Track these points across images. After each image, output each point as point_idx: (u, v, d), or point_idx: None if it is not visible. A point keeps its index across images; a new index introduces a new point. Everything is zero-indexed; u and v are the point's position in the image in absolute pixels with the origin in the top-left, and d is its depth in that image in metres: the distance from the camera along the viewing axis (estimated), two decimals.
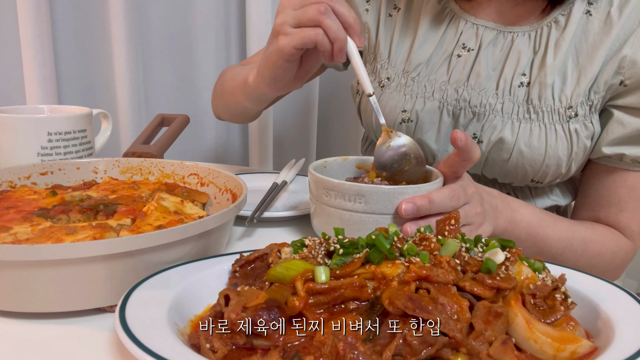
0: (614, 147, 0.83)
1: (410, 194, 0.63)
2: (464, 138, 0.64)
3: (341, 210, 0.64)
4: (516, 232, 0.76)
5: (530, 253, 0.79)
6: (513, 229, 0.75)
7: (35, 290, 0.47)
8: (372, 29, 0.98)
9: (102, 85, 1.43)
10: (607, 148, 0.84)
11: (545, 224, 0.79)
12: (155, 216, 0.57)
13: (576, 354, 0.42)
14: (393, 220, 0.63)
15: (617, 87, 0.82)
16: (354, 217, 0.63)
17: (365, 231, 0.63)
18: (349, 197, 0.63)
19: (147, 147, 0.94)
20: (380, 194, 0.62)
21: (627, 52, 0.81)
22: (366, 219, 0.63)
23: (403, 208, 0.62)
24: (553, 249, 0.79)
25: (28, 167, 0.70)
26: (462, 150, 0.65)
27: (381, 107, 0.94)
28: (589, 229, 0.84)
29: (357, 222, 0.63)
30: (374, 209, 0.63)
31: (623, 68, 0.81)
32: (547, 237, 0.79)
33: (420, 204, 0.63)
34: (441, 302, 0.42)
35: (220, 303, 0.44)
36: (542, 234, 0.78)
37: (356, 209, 0.63)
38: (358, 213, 0.63)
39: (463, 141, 0.64)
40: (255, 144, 1.55)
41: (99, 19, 1.37)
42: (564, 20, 0.85)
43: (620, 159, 0.84)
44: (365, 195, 0.62)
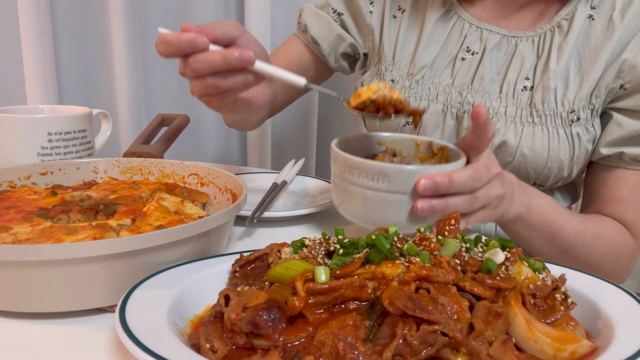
0: (612, 148, 0.84)
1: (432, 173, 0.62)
2: (485, 114, 0.63)
3: (363, 188, 0.63)
4: (530, 219, 0.75)
5: (542, 244, 0.78)
6: (528, 215, 0.74)
7: (35, 290, 0.47)
8: (376, 30, 0.98)
9: (102, 85, 1.43)
10: (605, 149, 0.84)
11: (559, 215, 0.78)
12: (155, 216, 0.57)
13: (576, 354, 0.42)
14: (413, 199, 0.62)
15: (617, 90, 0.83)
16: (376, 195, 0.63)
17: (386, 210, 0.63)
18: (372, 176, 0.62)
19: (147, 147, 0.94)
20: (404, 173, 0.62)
21: (627, 56, 0.81)
22: (388, 198, 0.63)
23: (421, 184, 0.61)
24: (565, 241, 0.79)
25: (28, 167, 0.70)
26: (481, 126, 0.64)
27: None
28: (600, 225, 0.83)
29: (379, 201, 0.63)
30: (396, 188, 0.62)
31: (623, 72, 0.81)
32: (561, 228, 0.78)
33: (440, 181, 0.62)
34: (441, 302, 0.42)
35: (220, 303, 0.44)
36: (556, 224, 0.77)
37: (378, 188, 0.62)
38: (380, 192, 0.62)
39: (484, 117, 0.63)
40: (254, 144, 1.55)
41: (100, 19, 1.37)
42: (567, 25, 0.85)
43: (619, 158, 0.84)
44: (388, 174, 0.62)
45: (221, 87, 0.60)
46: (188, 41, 0.57)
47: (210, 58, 0.58)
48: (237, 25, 0.62)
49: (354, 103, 0.67)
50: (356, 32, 1.01)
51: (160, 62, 1.46)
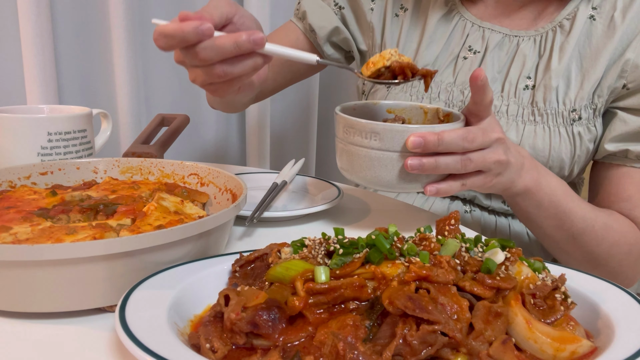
0: (618, 144, 0.83)
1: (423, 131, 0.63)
2: (483, 78, 0.63)
3: (359, 147, 0.66)
4: (539, 195, 0.73)
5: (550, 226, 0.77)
6: (537, 191, 0.73)
7: (35, 290, 0.47)
8: (377, 28, 0.98)
9: (102, 85, 1.43)
10: (611, 144, 0.83)
11: (570, 198, 0.76)
12: (155, 216, 0.57)
13: (576, 354, 0.42)
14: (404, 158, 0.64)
15: (619, 90, 0.83)
16: (369, 154, 0.66)
17: (379, 168, 0.66)
18: (365, 134, 0.65)
19: (147, 147, 0.94)
20: (394, 131, 0.64)
21: (630, 55, 0.81)
22: (381, 156, 0.65)
23: (410, 140, 0.62)
24: (574, 226, 0.77)
25: (28, 167, 0.70)
26: (478, 89, 0.64)
27: None
28: (610, 216, 0.82)
29: (372, 159, 0.66)
30: (387, 146, 0.64)
31: (626, 72, 0.81)
32: (570, 211, 0.76)
33: (429, 139, 0.62)
34: (441, 302, 0.42)
35: (220, 303, 0.44)
36: (565, 206, 0.75)
37: (372, 146, 0.65)
38: (373, 150, 0.65)
39: (482, 80, 0.63)
40: (254, 145, 1.55)
41: (100, 19, 1.37)
42: (568, 24, 0.85)
43: (625, 156, 0.84)
44: (379, 132, 0.64)
45: (231, 74, 0.58)
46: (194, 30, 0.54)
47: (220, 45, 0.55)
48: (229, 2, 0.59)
49: (368, 72, 0.68)
50: (356, 27, 1.00)
51: (160, 62, 1.46)
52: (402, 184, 0.66)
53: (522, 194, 0.72)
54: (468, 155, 0.64)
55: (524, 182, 0.71)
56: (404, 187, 0.67)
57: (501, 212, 0.94)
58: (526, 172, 0.71)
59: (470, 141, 0.63)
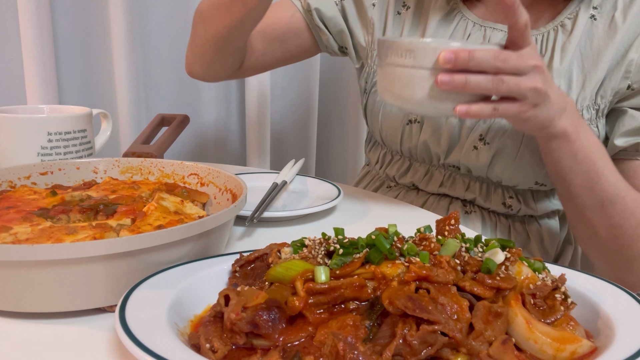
0: (628, 138, 0.81)
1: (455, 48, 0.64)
2: None
3: (395, 66, 0.67)
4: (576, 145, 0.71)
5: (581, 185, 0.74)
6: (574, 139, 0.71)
7: (36, 290, 0.47)
8: (378, 25, 0.96)
9: (102, 85, 1.43)
10: (620, 139, 0.82)
11: (605, 159, 0.74)
12: (155, 216, 0.57)
13: (576, 354, 0.42)
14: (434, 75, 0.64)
15: (624, 91, 0.82)
16: (405, 72, 0.67)
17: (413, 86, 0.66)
18: (401, 53, 0.66)
19: (147, 147, 0.94)
20: (428, 48, 0.64)
21: (633, 56, 0.81)
22: (415, 74, 0.66)
23: (442, 55, 0.62)
24: (605, 192, 0.74)
25: (28, 167, 0.70)
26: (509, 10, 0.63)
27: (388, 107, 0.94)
28: None
29: (407, 77, 0.67)
30: (421, 64, 0.65)
31: (630, 72, 0.81)
32: (604, 173, 0.73)
33: (460, 55, 0.62)
34: (441, 302, 0.42)
35: (220, 303, 0.44)
36: (599, 166, 0.73)
37: (407, 64, 0.66)
38: (408, 68, 0.66)
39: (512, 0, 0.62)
40: (254, 144, 1.55)
41: (100, 19, 1.37)
42: (570, 24, 0.84)
43: (636, 150, 0.82)
44: (414, 50, 0.65)
45: None
46: None
47: None
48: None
49: None
50: (357, 22, 0.98)
51: (160, 62, 1.46)
52: (434, 103, 0.67)
53: (559, 137, 0.70)
54: (501, 76, 0.63)
55: (563, 125, 0.69)
56: (436, 107, 0.67)
57: (501, 213, 0.94)
58: (567, 116, 0.69)
59: (502, 61, 0.63)
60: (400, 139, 0.93)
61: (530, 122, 0.69)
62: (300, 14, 0.98)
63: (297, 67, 1.57)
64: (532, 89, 0.64)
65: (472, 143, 0.87)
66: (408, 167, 0.98)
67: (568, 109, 0.70)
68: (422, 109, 0.69)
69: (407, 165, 0.98)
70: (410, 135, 0.92)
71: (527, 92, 0.64)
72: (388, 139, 0.96)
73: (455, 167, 0.92)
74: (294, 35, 0.99)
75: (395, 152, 0.99)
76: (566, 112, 0.70)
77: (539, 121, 0.68)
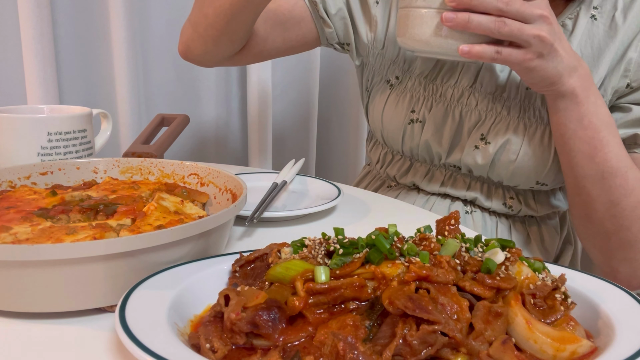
0: (626, 130, 0.82)
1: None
2: None
3: (408, 8, 0.72)
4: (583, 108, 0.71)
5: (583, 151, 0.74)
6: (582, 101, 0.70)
7: (35, 290, 0.47)
8: (381, 23, 0.95)
9: (102, 85, 1.43)
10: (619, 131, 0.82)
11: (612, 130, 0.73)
12: (155, 216, 0.57)
13: (576, 354, 0.42)
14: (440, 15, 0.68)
15: (623, 89, 0.82)
16: (415, 12, 0.71)
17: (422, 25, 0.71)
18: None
19: (147, 147, 0.94)
20: None
21: (632, 55, 0.81)
22: (424, 14, 0.70)
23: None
24: (607, 162, 0.73)
25: (28, 167, 0.70)
26: None
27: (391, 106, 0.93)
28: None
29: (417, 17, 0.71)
30: (429, 3, 0.70)
31: (629, 71, 0.81)
32: (609, 143, 0.73)
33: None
34: (441, 302, 0.42)
35: (220, 303, 0.44)
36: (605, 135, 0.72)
37: (417, 5, 0.71)
38: (418, 9, 0.71)
39: None
40: (255, 144, 1.55)
41: (100, 19, 1.37)
42: (571, 24, 0.84)
43: (634, 142, 0.82)
44: None
45: None
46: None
47: None
48: None
49: None
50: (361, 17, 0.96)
51: (160, 62, 1.46)
52: (440, 41, 0.70)
53: (567, 97, 0.70)
54: (503, 18, 0.65)
55: (573, 83, 0.69)
56: (442, 46, 0.71)
57: (502, 213, 0.94)
58: (579, 76, 0.70)
59: (505, 3, 0.64)
60: (401, 138, 0.93)
61: (537, 74, 0.69)
62: (304, 2, 0.96)
63: (298, 67, 1.57)
64: (536, 37, 0.65)
65: (473, 142, 0.87)
66: (409, 167, 0.98)
67: (580, 70, 0.70)
68: (430, 49, 0.72)
69: (408, 164, 0.98)
70: (411, 134, 0.92)
71: (531, 39, 0.65)
72: (389, 138, 0.96)
73: (456, 167, 0.92)
74: (296, 23, 0.97)
75: (396, 152, 0.99)
76: (577, 72, 0.70)
77: (546, 74, 0.68)
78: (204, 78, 1.52)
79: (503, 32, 0.65)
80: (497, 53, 0.67)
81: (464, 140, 0.89)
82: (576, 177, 0.78)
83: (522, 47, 0.66)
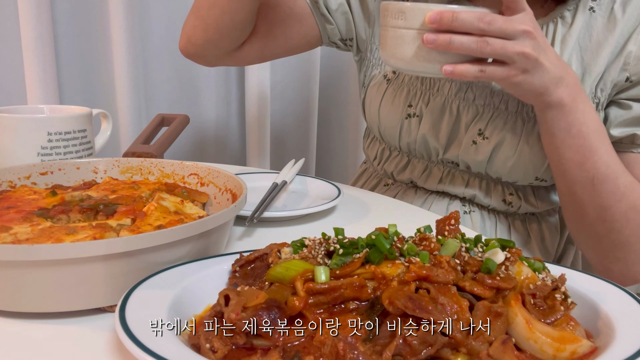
0: (624, 129, 0.81)
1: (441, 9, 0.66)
2: None
3: (390, 28, 0.71)
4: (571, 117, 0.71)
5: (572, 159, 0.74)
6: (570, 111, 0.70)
7: (35, 290, 0.47)
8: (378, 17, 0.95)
9: (102, 85, 1.43)
10: (617, 129, 0.82)
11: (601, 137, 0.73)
12: (155, 216, 0.57)
13: (576, 354, 0.42)
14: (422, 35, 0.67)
15: (623, 83, 0.82)
16: (397, 33, 0.70)
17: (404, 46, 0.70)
18: (395, 14, 0.70)
19: (147, 147, 0.94)
20: (417, 9, 0.68)
21: (631, 48, 0.80)
22: (405, 34, 0.69)
23: (428, 15, 0.64)
24: (597, 169, 0.73)
25: (28, 167, 0.70)
26: None
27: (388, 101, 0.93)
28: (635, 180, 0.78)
29: (399, 38, 0.70)
30: (411, 24, 0.69)
31: (628, 64, 0.81)
32: (597, 150, 0.73)
33: (444, 14, 0.63)
34: (441, 302, 0.42)
35: (220, 303, 0.44)
36: (594, 143, 0.72)
37: (399, 25, 0.70)
38: (400, 29, 0.70)
39: None
40: (254, 144, 1.55)
41: (100, 19, 1.37)
42: (570, 16, 0.84)
43: (631, 142, 0.82)
44: (405, 11, 0.69)
45: None
46: None
47: None
48: None
49: None
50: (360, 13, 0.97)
51: (160, 62, 1.46)
52: (423, 62, 0.70)
53: (555, 107, 0.70)
54: (485, 38, 0.64)
55: (560, 94, 0.69)
56: (425, 66, 0.70)
57: (501, 211, 0.94)
58: (566, 86, 0.69)
59: (487, 23, 0.63)
60: (399, 133, 0.93)
61: (522, 88, 0.69)
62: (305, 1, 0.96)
63: (297, 67, 1.57)
64: (520, 54, 0.64)
65: (471, 138, 0.87)
66: (407, 163, 0.97)
67: (567, 79, 0.70)
68: (413, 68, 0.72)
69: (406, 161, 0.97)
70: (409, 129, 0.92)
71: (515, 56, 0.64)
72: (386, 133, 0.96)
73: (454, 163, 0.92)
74: (297, 21, 0.97)
75: (394, 148, 0.98)
76: (564, 81, 0.69)
77: (532, 87, 0.68)
78: (204, 78, 1.52)
79: (486, 52, 0.64)
80: (480, 72, 0.66)
81: (461, 135, 0.88)
82: (567, 183, 0.78)
83: (506, 64, 0.66)
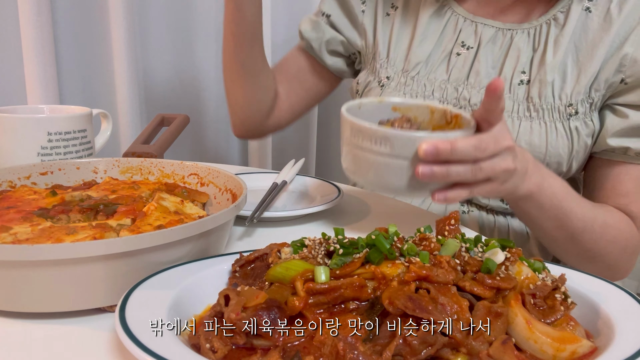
0: (619, 139, 0.82)
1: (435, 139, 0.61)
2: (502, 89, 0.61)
3: (368, 152, 0.64)
4: (542, 199, 0.73)
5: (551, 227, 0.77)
6: (539, 195, 0.72)
7: (35, 290, 0.47)
8: (369, 29, 0.98)
9: (102, 85, 1.43)
10: (613, 139, 0.82)
11: (570, 198, 0.76)
12: (155, 216, 0.57)
13: (576, 354, 0.42)
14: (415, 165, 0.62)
15: (617, 85, 0.82)
16: (379, 160, 0.63)
17: (388, 175, 0.63)
18: (376, 140, 0.62)
19: (147, 147, 0.94)
20: (406, 139, 0.62)
21: (628, 50, 0.81)
22: (391, 163, 0.63)
23: (423, 149, 0.60)
24: (574, 226, 0.77)
25: (28, 167, 0.70)
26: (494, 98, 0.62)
27: None
28: (608, 213, 0.81)
29: (382, 165, 0.63)
30: (398, 153, 0.62)
31: (624, 66, 0.81)
32: (571, 211, 0.75)
33: (442, 147, 0.60)
34: (441, 302, 0.42)
35: (220, 303, 0.44)
36: (566, 207, 0.75)
37: (382, 152, 0.62)
38: (383, 157, 0.63)
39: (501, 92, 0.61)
40: (255, 144, 1.55)
41: (100, 19, 1.37)
42: (563, 17, 0.84)
43: (624, 153, 0.83)
44: (390, 139, 0.62)
45: None
46: None
47: None
48: None
49: None
50: (351, 30, 1.01)
51: (160, 63, 1.46)
52: (411, 191, 0.65)
53: (525, 198, 0.72)
54: (479, 165, 0.63)
55: (527, 187, 0.70)
56: (413, 194, 0.66)
57: (500, 211, 0.94)
58: (529, 176, 0.70)
59: (482, 150, 0.62)
60: None
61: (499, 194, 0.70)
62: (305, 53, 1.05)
63: None
64: (504, 170, 0.65)
65: None
66: None
67: (529, 168, 0.71)
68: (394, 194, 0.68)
69: None
70: None
71: (500, 173, 0.65)
72: None
73: None
74: (307, 72, 1.06)
75: None
76: (528, 173, 0.70)
77: (506, 192, 0.69)
78: (204, 78, 1.52)
79: (479, 177, 0.64)
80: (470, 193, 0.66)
81: None
82: (548, 241, 0.81)
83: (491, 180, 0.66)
